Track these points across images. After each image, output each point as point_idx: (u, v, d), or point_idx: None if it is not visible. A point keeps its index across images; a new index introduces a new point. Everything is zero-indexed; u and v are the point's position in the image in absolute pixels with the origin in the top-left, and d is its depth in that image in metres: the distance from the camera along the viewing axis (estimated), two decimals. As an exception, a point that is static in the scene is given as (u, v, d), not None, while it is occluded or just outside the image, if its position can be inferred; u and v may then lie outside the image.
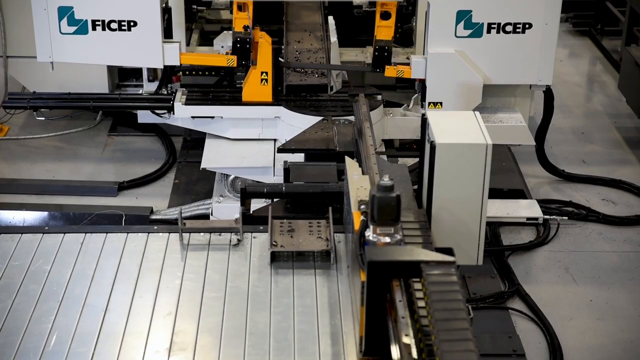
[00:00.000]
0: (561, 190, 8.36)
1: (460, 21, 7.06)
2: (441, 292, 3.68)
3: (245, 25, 7.21)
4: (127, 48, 7.15)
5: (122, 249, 5.11)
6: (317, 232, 5.12)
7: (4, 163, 8.72)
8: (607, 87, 10.78)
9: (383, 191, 4.10)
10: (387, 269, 3.94)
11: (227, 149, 7.56)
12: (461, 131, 5.34)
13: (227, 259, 5.03)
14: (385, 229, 4.15)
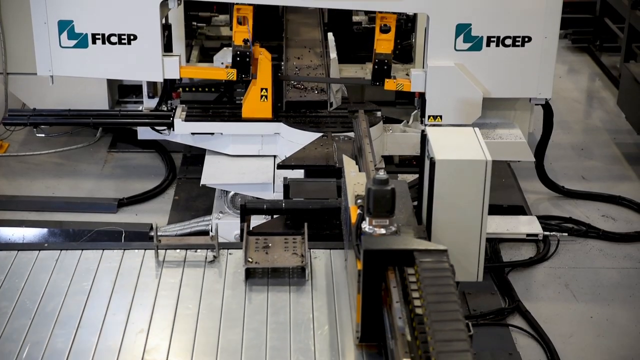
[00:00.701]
0: (561, 206, 8.36)
1: (460, 34, 7.08)
2: (433, 278, 3.89)
3: (244, 39, 7.23)
4: (127, 61, 7.16)
5: (97, 265, 5.10)
6: (293, 248, 5.12)
7: (4, 180, 8.72)
8: (607, 103, 10.80)
9: (378, 184, 4.30)
10: (382, 257, 4.16)
11: (227, 165, 7.57)
12: (461, 147, 5.34)
13: (202, 275, 5.02)
14: (381, 220, 4.34)
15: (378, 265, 4.19)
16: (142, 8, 6.99)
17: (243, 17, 7.20)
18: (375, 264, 4.19)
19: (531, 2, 6.99)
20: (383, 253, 4.18)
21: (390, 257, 4.16)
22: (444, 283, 3.88)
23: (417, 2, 7.04)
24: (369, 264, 4.19)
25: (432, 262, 4.01)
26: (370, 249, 4.18)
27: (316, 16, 9.31)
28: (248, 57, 7.26)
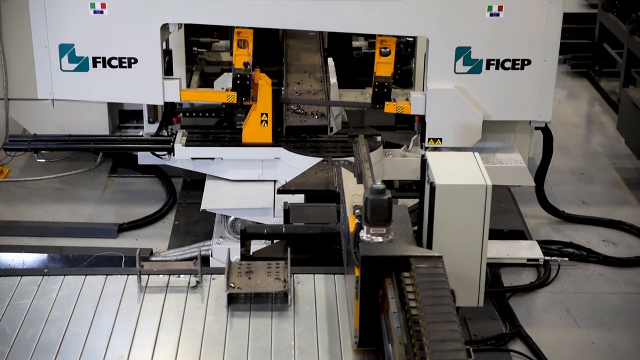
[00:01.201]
0: (561, 231, 8.35)
1: (460, 57, 7.11)
2: (429, 282, 4.06)
3: (245, 62, 7.26)
4: (127, 85, 7.19)
5: (79, 291, 5.08)
6: (276, 273, 5.12)
7: (4, 205, 8.72)
8: (606, 128, 10.82)
9: (376, 194, 4.45)
10: (379, 263, 4.32)
11: (227, 190, 7.57)
12: (461, 172, 5.35)
13: (184, 301, 5.01)
14: (378, 229, 4.49)
15: (375, 272, 4.34)
16: (142, 31, 7.03)
17: (243, 40, 7.23)
18: (372, 270, 4.34)
19: (530, 26, 7.02)
20: (380, 259, 4.33)
21: (387, 264, 4.31)
22: (439, 287, 4.05)
23: (417, 26, 7.07)
24: (366, 270, 4.34)
25: (427, 267, 4.18)
26: (367, 256, 4.33)
27: (316, 41, 9.35)
28: (248, 80, 7.29)
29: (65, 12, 6.96)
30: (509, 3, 6.95)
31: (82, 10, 6.95)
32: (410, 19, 7.01)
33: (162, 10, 7.00)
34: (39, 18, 6.97)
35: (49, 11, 6.95)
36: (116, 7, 6.95)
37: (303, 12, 7.02)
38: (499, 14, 6.97)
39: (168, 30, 7.22)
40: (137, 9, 6.98)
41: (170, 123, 7.84)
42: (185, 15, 7.07)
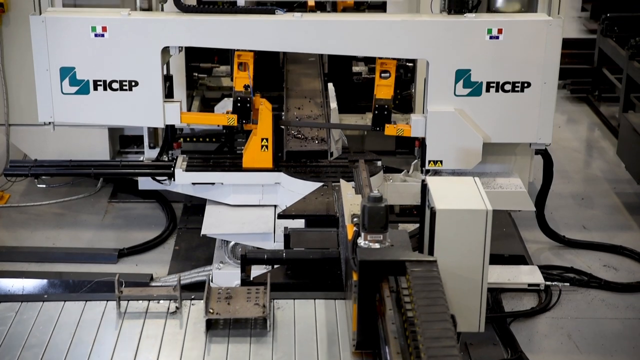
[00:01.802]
0: (562, 256, 8.34)
1: (460, 80, 7.12)
2: (423, 284, 4.27)
3: (245, 85, 7.28)
4: (128, 108, 7.19)
5: (57, 317, 5.06)
6: (255, 298, 5.11)
7: (4, 231, 8.71)
8: (606, 152, 10.83)
9: (373, 202, 4.66)
10: (376, 267, 4.53)
11: (228, 215, 7.56)
12: (461, 197, 5.34)
13: (162, 326, 4.99)
14: (375, 236, 4.67)
15: (373, 276, 4.54)
16: (143, 54, 7.04)
17: (244, 63, 7.25)
18: (370, 275, 4.54)
19: (530, 48, 7.04)
20: (377, 264, 4.53)
21: (384, 268, 4.53)
22: (433, 289, 4.26)
23: (417, 48, 7.09)
24: (364, 274, 4.53)
25: (422, 271, 4.40)
26: (365, 260, 4.52)
27: (316, 67, 9.38)
28: (249, 103, 7.30)
29: (67, 35, 6.98)
30: (509, 26, 6.98)
31: (83, 34, 6.98)
32: (410, 42, 7.04)
33: (163, 33, 7.02)
34: (40, 41, 7.00)
35: (50, 35, 6.97)
36: (117, 31, 6.98)
37: (303, 34, 7.05)
38: (498, 37, 6.99)
39: (169, 54, 7.25)
40: (137, 33, 7.00)
41: (170, 148, 7.85)
42: (186, 38, 7.09)
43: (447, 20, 6.96)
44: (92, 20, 6.97)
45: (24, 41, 8.47)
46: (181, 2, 7.06)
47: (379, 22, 7.07)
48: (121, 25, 6.98)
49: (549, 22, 7.00)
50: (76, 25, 6.98)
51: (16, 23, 8.68)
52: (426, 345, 3.84)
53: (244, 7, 7.17)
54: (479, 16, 7.01)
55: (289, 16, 7.03)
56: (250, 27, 6.97)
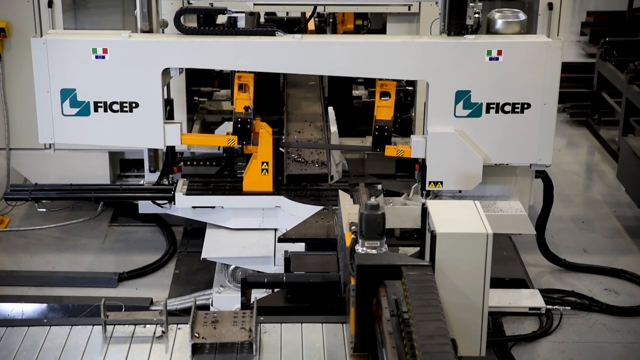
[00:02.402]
0: (563, 279, 8.32)
1: (460, 101, 7.13)
2: (418, 287, 4.48)
3: (246, 106, 7.29)
4: (128, 129, 7.19)
5: (42, 342, 5.02)
6: (242, 322, 5.10)
7: (4, 255, 8.70)
8: (606, 176, 10.84)
9: (370, 210, 4.87)
10: (373, 271, 4.73)
11: (228, 238, 7.56)
12: (461, 220, 5.34)
13: (148, 351, 4.96)
14: (372, 242, 4.88)
15: (370, 280, 4.73)
16: (144, 76, 7.05)
17: (244, 84, 7.27)
18: (367, 279, 4.73)
19: (529, 70, 7.05)
20: (374, 268, 4.73)
21: (381, 272, 4.73)
22: (427, 291, 4.48)
23: (417, 69, 7.10)
24: (361, 278, 4.73)
25: (417, 274, 4.61)
26: (362, 265, 4.72)
27: (316, 90, 9.41)
28: (249, 124, 7.31)
29: (67, 57, 7.00)
30: (508, 47, 7.00)
31: (84, 56, 7.00)
32: (410, 63, 7.05)
33: (164, 55, 7.04)
34: (41, 63, 7.01)
35: (51, 56, 6.99)
36: (118, 52, 7.00)
37: (303, 56, 7.07)
38: (498, 58, 7.01)
39: (169, 75, 7.27)
40: (138, 54, 7.02)
41: (171, 172, 7.86)
42: (187, 60, 7.11)
43: (447, 41, 6.99)
44: (93, 42, 6.99)
45: (25, 66, 8.50)
46: (182, 24, 7.09)
47: (379, 44, 7.09)
48: (122, 47, 7.00)
49: (548, 44, 7.03)
50: (77, 47, 7.00)
51: (17, 48, 8.72)
52: (420, 343, 4.02)
53: (244, 29, 7.18)
54: (479, 38, 7.04)
55: (289, 38, 7.06)
56: (251, 49, 6.99)
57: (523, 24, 7.23)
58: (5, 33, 8.68)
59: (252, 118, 7.31)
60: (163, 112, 7.18)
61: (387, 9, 8.86)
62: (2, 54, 8.78)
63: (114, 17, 9.29)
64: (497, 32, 7.20)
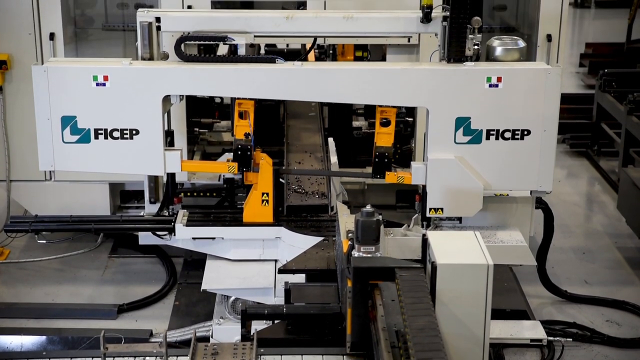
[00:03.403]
0: (564, 310, 8.29)
1: (460, 128, 7.13)
2: (411, 286, 4.83)
3: (246, 133, 7.31)
4: (129, 156, 7.19)
5: None
6: (242, 354, 5.07)
7: (4, 287, 8.68)
8: (606, 207, 10.84)
9: (366, 216, 5.24)
10: (368, 273, 5.07)
11: (228, 270, 7.54)
12: (462, 251, 5.33)
13: None
14: (368, 247, 5.21)
15: (365, 281, 5.06)
16: (144, 103, 7.07)
17: (244, 111, 7.29)
18: (363, 280, 5.06)
19: (529, 96, 7.07)
20: (369, 270, 5.07)
21: (375, 273, 5.07)
22: (419, 290, 4.82)
23: (417, 96, 7.12)
24: (357, 280, 5.04)
25: (409, 275, 4.95)
26: (358, 267, 5.05)
27: (317, 121, 9.44)
28: (249, 151, 7.32)
29: (68, 84, 7.02)
30: (508, 74, 7.03)
31: (85, 83, 7.01)
32: (410, 90, 7.07)
33: (164, 82, 7.07)
34: (42, 91, 7.03)
35: (52, 84, 7.01)
36: (118, 80, 7.02)
37: (303, 83, 7.09)
38: (498, 85, 7.03)
39: (170, 102, 7.29)
40: (139, 81, 7.04)
41: (171, 203, 7.86)
42: (187, 87, 7.13)
43: (446, 68, 7.02)
44: (93, 70, 7.02)
45: (26, 98, 8.54)
46: (182, 52, 7.12)
47: (379, 71, 7.13)
48: (123, 74, 7.03)
49: (547, 71, 7.05)
50: (78, 74, 7.03)
51: (19, 80, 8.77)
52: (412, 335, 4.37)
53: (244, 57, 7.22)
54: (478, 65, 7.07)
55: (289, 65, 7.09)
56: (251, 76, 7.02)
57: (522, 51, 7.26)
58: (6, 65, 8.73)
59: (253, 145, 7.32)
60: (163, 139, 7.19)
61: (387, 41, 8.91)
62: (3, 86, 8.82)
63: (115, 50, 9.36)
64: (497, 59, 7.22)
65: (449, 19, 6.90)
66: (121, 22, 9.65)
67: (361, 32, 7.50)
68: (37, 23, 8.64)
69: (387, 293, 5.37)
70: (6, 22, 8.68)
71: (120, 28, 9.58)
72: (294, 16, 7.34)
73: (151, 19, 7.19)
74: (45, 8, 8.61)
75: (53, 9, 8.61)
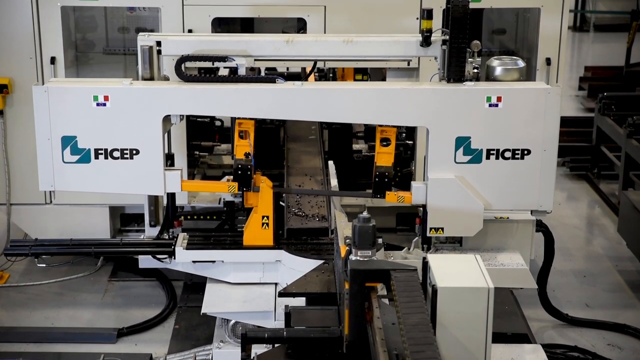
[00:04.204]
0: (566, 334, 8.27)
1: (460, 147, 7.14)
2: (405, 287, 5.06)
3: (246, 152, 7.31)
4: (129, 176, 7.19)
5: None
6: None
7: (3, 311, 8.66)
8: (607, 230, 10.83)
9: (362, 222, 5.45)
10: (364, 275, 5.28)
11: (228, 293, 7.52)
12: (462, 275, 5.32)
13: None
14: (364, 252, 5.41)
15: (362, 283, 5.26)
16: (145, 123, 7.08)
17: (245, 131, 7.31)
18: (359, 282, 5.26)
19: (529, 116, 7.08)
20: (365, 272, 5.28)
21: (371, 275, 5.28)
22: (413, 289, 5.04)
23: (417, 116, 7.13)
24: (354, 281, 5.25)
25: (404, 276, 5.17)
26: (355, 269, 5.27)
27: (317, 144, 9.45)
28: (249, 171, 7.33)
29: (69, 104, 7.03)
30: (508, 94, 7.04)
31: (85, 103, 7.03)
32: (410, 109, 7.09)
33: (165, 102, 7.08)
34: (43, 111, 7.04)
35: (52, 104, 7.02)
36: (119, 100, 7.03)
37: (303, 102, 7.10)
38: (497, 105, 7.05)
39: (170, 122, 7.30)
40: (139, 101, 7.06)
41: (171, 226, 7.86)
42: (187, 107, 7.14)
43: (446, 88, 7.04)
44: (94, 90, 7.03)
45: (26, 122, 8.56)
46: (182, 72, 7.15)
47: (379, 90, 7.15)
48: (123, 95, 7.04)
49: (547, 90, 7.07)
50: (78, 94, 7.04)
51: (19, 104, 8.80)
52: (406, 330, 4.61)
53: (245, 76, 7.24)
54: (478, 84, 7.09)
55: (289, 85, 7.12)
56: (252, 96, 7.04)
57: (522, 71, 7.29)
58: (7, 89, 8.76)
59: (253, 165, 7.33)
60: (163, 159, 7.20)
61: (387, 64, 8.95)
62: (4, 110, 8.85)
63: (116, 73, 9.41)
64: (497, 79, 7.25)
65: (448, 43, 6.94)
66: (122, 46, 9.70)
67: (361, 55, 7.53)
68: (38, 47, 8.68)
69: (387, 317, 5.37)
70: (7, 46, 8.72)
71: (121, 52, 9.63)
72: (294, 40, 7.38)
73: (152, 43, 7.23)
74: (47, 32, 8.66)
75: (54, 33, 8.66)
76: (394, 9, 8.75)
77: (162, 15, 8.65)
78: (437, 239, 7.55)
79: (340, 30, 8.47)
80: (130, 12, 9.55)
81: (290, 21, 9.53)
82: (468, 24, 6.90)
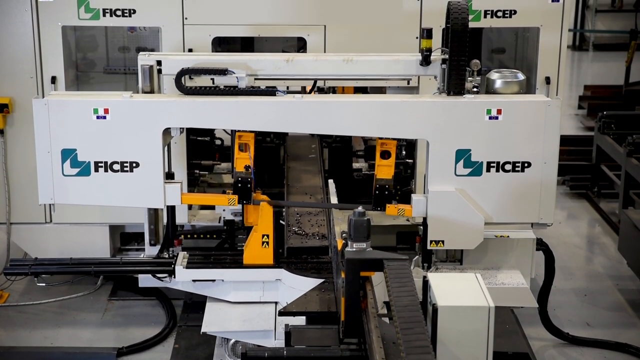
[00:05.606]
0: (567, 353, 8.24)
1: (460, 160, 7.14)
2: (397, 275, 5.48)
3: (246, 165, 7.32)
4: (129, 189, 7.19)
5: None
6: None
7: (2, 330, 8.64)
8: (607, 249, 10.82)
9: (358, 216, 5.88)
10: (359, 264, 5.73)
11: (228, 312, 7.50)
12: (463, 293, 5.32)
13: None
14: (360, 244, 5.86)
15: (357, 272, 5.71)
16: (145, 136, 7.08)
17: (245, 144, 7.31)
18: (355, 271, 5.71)
19: (529, 128, 7.09)
20: (360, 261, 5.73)
21: (366, 264, 5.74)
22: (404, 276, 5.45)
23: (417, 128, 7.14)
24: (350, 271, 5.70)
25: (396, 266, 5.59)
26: (350, 259, 5.71)
27: (317, 163, 9.46)
28: (249, 184, 7.33)
29: (69, 117, 7.04)
30: (508, 106, 7.05)
31: (85, 116, 7.03)
32: (410, 122, 7.10)
33: (165, 115, 7.09)
34: (43, 124, 7.05)
35: (53, 117, 7.02)
36: (119, 113, 7.04)
37: (303, 115, 7.11)
38: (498, 117, 7.06)
39: (170, 135, 7.31)
40: (139, 114, 7.07)
41: (171, 245, 7.85)
42: (188, 119, 7.15)
43: (446, 100, 7.05)
44: (94, 103, 7.05)
45: (27, 141, 8.58)
46: (182, 84, 7.16)
47: (379, 103, 7.16)
48: (123, 107, 7.05)
49: (547, 103, 7.09)
50: (78, 107, 7.05)
51: (20, 123, 8.81)
52: (397, 311, 5.00)
53: (245, 89, 7.26)
54: (478, 97, 7.10)
55: (289, 97, 7.13)
56: (252, 108, 7.06)
57: (522, 84, 7.30)
58: (8, 109, 8.77)
59: (253, 177, 7.33)
60: (163, 172, 7.21)
61: (387, 83, 8.97)
62: (4, 129, 8.86)
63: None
64: (497, 91, 7.26)
65: (448, 56, 6.96)
66: (122, 66, 9.72)
67: (361, 74, 7.56)
68: (39, 67, 8.70)
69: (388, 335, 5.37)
70: (8, 66, 8.74)
71: (122, 71, 9.65)
72: (294, 59, 7.40)
73: (152, 62, 7.25)
74: (47, 52, 8.68)
75: (55, 53, 8.68)
76: (393, 29, 8.77)
77: (163, 34, 8.68)
78: (438, 257, 7.54)
79: (340, 50, 8.49)
80: (131, 32, 9.57)
81: (291, 40, 9.56)
82: (468, 37, 6.93)
